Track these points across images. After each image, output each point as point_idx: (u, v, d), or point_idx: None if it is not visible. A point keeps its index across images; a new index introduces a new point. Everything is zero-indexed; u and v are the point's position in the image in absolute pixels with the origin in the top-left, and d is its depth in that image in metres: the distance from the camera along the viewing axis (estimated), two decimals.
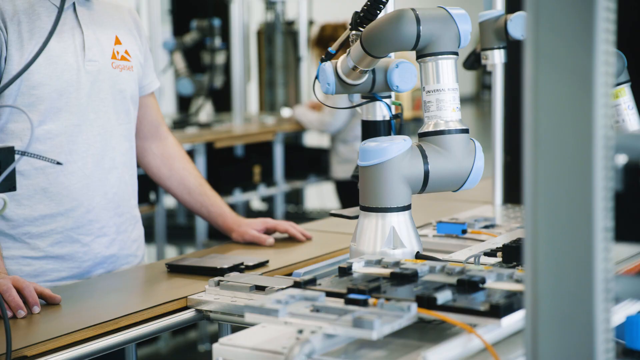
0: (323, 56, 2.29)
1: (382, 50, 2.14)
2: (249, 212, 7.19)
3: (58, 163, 1.79)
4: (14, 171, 1.80)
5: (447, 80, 2.12)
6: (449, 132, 2.10)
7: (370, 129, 2.41)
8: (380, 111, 2.39)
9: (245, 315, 1.63)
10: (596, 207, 1.17)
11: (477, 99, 19.42)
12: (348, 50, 2.24)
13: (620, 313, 1.75)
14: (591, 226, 1.17)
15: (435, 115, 2.11)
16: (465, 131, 2.12)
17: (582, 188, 1.18)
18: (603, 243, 1.17)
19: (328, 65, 2.26)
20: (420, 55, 2.13)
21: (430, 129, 2.12)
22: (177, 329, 5.22)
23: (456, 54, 2.13)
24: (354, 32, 2.24)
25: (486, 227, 2.82)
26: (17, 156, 1.80)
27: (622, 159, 1.22)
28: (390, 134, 2.36)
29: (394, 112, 2.40)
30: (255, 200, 7.54)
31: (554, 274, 1.20)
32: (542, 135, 1.20)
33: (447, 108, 2.11)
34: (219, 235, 6.22)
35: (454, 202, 3.61)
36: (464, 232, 2.72)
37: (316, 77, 2.31)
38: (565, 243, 1.19)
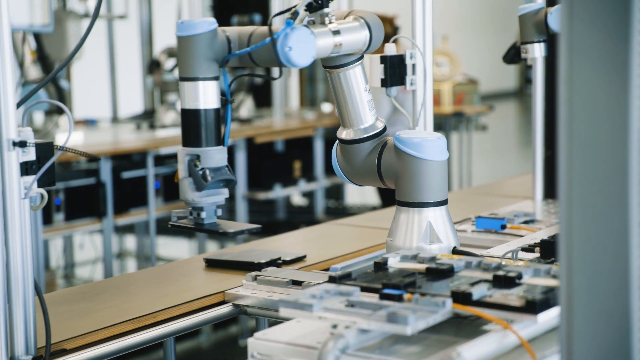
0: (290, 15, 1.90)
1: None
2: (289, 207, 7.20)
3: (96, 159, 1.81)
4: (53, 166, 1.82)
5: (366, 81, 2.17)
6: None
7: (192, 120, 1.92)
8: (213, 97, 1.93)
9: (279, 310, 1.63)
10: (632, 201, 1.15)
11: (520, 94, 19.26)
12: (336, 29, 2.01)
13: None
14: (627, 220, 1.15)
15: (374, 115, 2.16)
16: None
17: (617, 182, 1.16)
18: (639, 238, 1.16)
19: (311, 33, 1.89)
20: (352, 61, 2.09)
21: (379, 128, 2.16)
22: (218, 324, 5.26)
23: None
24: (330, 9, 2.02)
25: (526, 222, 2.79)
26: (56, 151, 1.82)
27: None
28: (220, 126, 1.95)
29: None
30: (296, 196, 7.55)
31: (589, 269, 1.18)
32: (577, 129, 1.18)
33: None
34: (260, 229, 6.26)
35: (494, 197, 3.58)
36: (503, 227, 2.69)
37: (275, 43, 1.84)
38: (601, 238, 1.17)
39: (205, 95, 1.91)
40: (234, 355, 5.33)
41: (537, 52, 2.90)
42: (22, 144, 1.73)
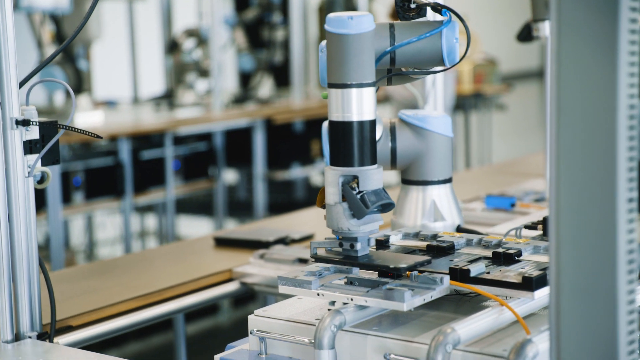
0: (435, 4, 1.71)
1: None
2: (309, 187, 7.22)
3: (98, 137, 1.82)
4: (57, 144, 1.84)
5: None
6: None
7: (344, 135, 1.62)
8: (370, 106, 1.63)
9: (279, 287, 1.64)
10: (619, 178, 1.15)
11: (542, 74, 19.10)
12: None
13: None
14: (614, 197, 1.15)
15: None
16: None
17: (605, 158, 1.16)
18: (626, 214, 1.15)
19: None
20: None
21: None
22: (237, 302, 5.28)
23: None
24: None
25: (537, 200, 2.79)
26: (59, 130, 1.84)
27: None
28: (375, 142, 1.66)
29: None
30: (315, 175, 7.56)
31: (576, 245, 1.18)
32: (565, 105, 1.18)
33: None
34: (279, 209, 6.29)
35: (508, 175, 3.58)
36: (513, 205, 2.69)
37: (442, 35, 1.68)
38: (588, 215, 1.17)
39: (361, 105, 1.61)
40: None
41: (548, 30, 2.88)
42: (26, 123, 1.75)
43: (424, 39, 1.68)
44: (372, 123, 1.62)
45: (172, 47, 6.69)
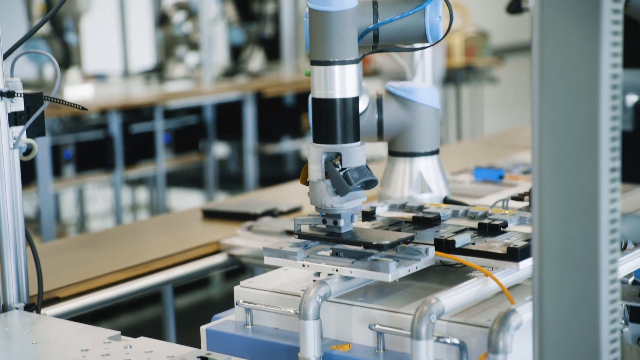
0: None
1: None
2: (299, 160, 7.22)
3: (83, 109, 1.81)
4: (42, 116, 1.83)
5: None
6: None
7: (326, 112, 1.61)
8: (352, 83, 1.61)
9: (264, 258, 1.64)
10: (602, 147, 1.15)
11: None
12: None
13: None
14: (597, 167, 1.15)
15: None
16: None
17: (588, 128, 1.16)
18: (609, 184, 1.16)
19: None
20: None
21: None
22: (229, 275, 5.30)
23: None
24: None
25: (526, 172, 2.79)
26: (45, 102, 1.83)
27: (632, 99, 1.20)
28: (358, 119, 1.64)
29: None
30: (306, 149, 7.57)
31: (559, 215, 1.18)
32: (548, 74, 1.18)
33: None
34: (269, 182, 6.30)
35: (496, 148, 3.58)
36: (501, 177, 2.69)
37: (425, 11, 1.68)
38: (571, 184, 1.17)
39: (344, 82, 1.60)
40: None
41: None
42: (10, 94, 1.74)
43: (407, 16, 1.67)
44: (355, 100, 1.61)
45: (162, 20, 6.66)
